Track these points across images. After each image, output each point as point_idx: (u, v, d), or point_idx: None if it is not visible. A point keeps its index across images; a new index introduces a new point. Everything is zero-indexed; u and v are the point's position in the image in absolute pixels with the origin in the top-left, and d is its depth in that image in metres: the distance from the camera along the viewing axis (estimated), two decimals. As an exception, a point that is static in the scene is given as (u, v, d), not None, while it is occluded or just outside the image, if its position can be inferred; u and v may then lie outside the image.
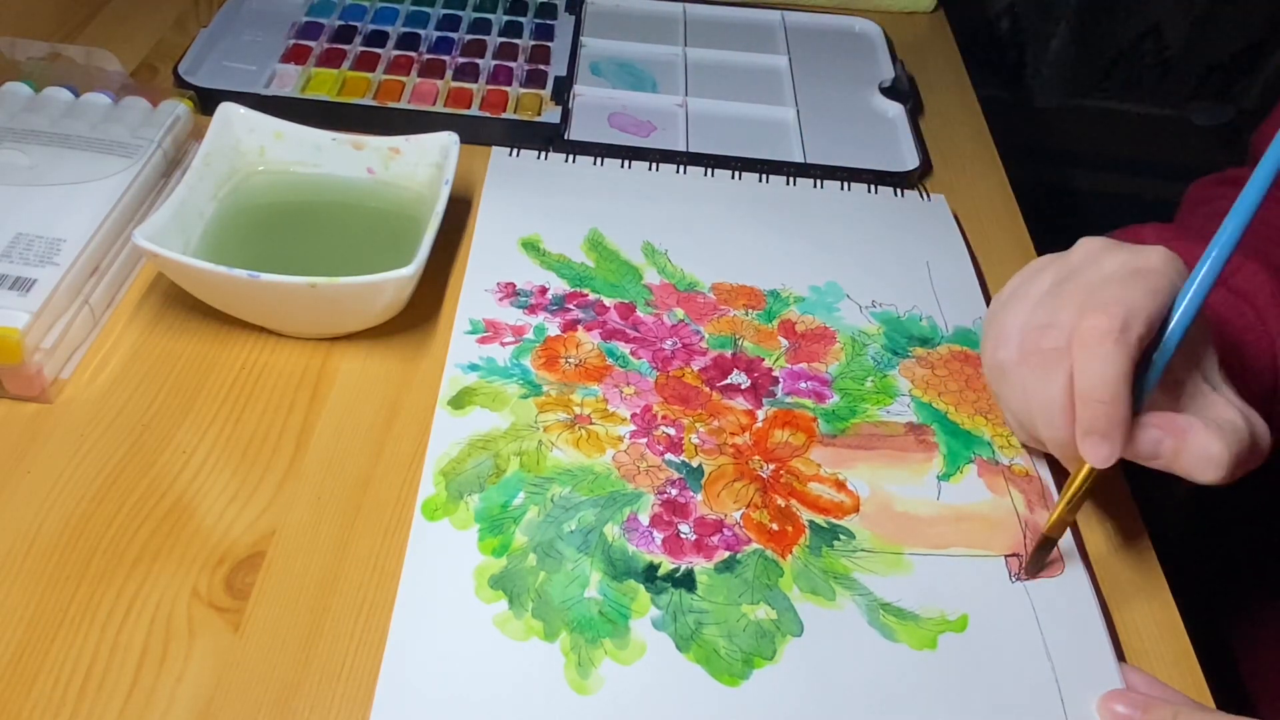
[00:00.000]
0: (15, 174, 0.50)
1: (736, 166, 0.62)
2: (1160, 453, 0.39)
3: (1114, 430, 0.38)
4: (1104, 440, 0.38)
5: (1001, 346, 0.42)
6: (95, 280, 0.48)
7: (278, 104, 0.61)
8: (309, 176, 0.55)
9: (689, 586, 0.40)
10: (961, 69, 0.77)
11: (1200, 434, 0.38)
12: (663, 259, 0.55)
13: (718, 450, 0.45)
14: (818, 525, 0.43)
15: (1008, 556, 0.42)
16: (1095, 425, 0.38)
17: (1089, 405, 0.38)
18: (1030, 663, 0.39)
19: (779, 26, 0.78)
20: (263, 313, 0.48)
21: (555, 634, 0.38)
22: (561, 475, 0.43)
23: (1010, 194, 0.65)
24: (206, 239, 0.50)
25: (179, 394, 0.46)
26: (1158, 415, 0.39)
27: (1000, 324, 0.43)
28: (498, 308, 0.51)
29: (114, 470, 0.43)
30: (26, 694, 0.35)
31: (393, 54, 0.68)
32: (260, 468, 0.44)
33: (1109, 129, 1.33)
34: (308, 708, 0.36)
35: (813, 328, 0.52)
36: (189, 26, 0.72)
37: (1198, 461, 0.38)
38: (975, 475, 0.45)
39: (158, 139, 0.54)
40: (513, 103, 0.65)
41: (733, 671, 0.37)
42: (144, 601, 0.38)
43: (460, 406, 0.46)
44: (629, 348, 0.50)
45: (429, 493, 0.42)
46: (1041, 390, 0.40)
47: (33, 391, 0.45)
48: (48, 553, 0.40)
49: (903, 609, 0.40)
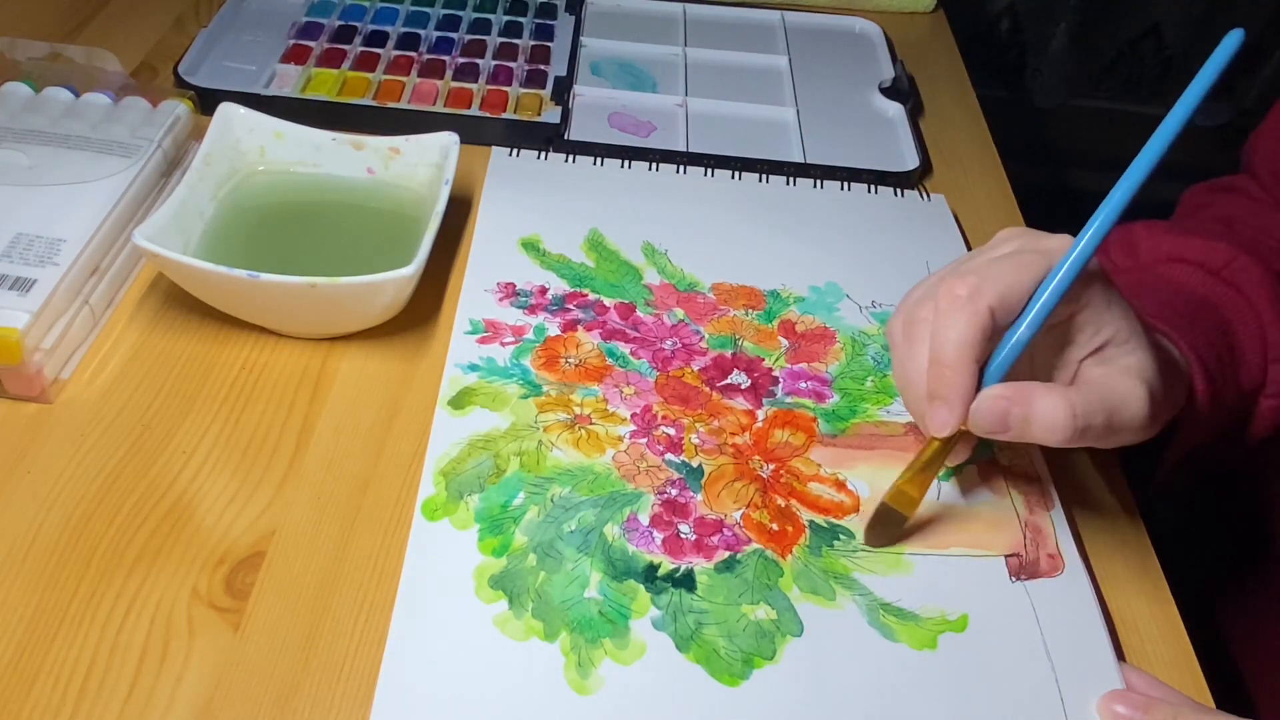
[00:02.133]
0: (15, 174, 0.51)
1: (736, 166, 0.62)
2: (1009, 424, 0.38)
3: (953, 395, 0.38)
4: (943, 405, 0.38)
5: (895, 318, 0.42)
6: (95, 280, 0.48)
7: (278, 104, 0.61)
8: (309, 176, 0.55)
9: (689, 586, 0.40)
10: (961, 69, 0.77)
11: (1041, 395, 0.37)
12: (663, 259, 0.55)
13: (718, 450, 0.45)
14: (818, 525, 0.43)
15: (1008, 556, 0.42)
16: (936, 389, 0.38)
17: (934, 369, 0.38)
18: (1030, 663, 0.39)
19: (779, 26, 0.78)
20: (263, 313, 0.48)
21: (555, 634, 0.38)
22: (561, 475, 0.43)
23: (1010, 194, 0.65)
24: (206, 239, 0.50)
25: (179, 394, 0.46)
26: (1006, 385, 0.38)
27: (903, 298, 0.43)
28: (498, 308, 0.51)
29: (114, 470, 0.43)
30: (26, 694, 0.35)
31: (393, 54, 0.68)
32: (260, 468, 0.44)
33: (1109, 129, 1.33)
34: (308, 708, 0.36)
35: (813, 328, 0.52)
36: (189, 27, 0.72)
37: (1045, 426, 0.37)
38: (975, 475, 0.45)
39: (158, 139, 0.54)
40: (513, 103, 0.65)
41: (733, 671, 0.37)
42: (144, 601, 0.38)
43: (460, 406, 0.46)
44: (629, 348, 0.50)
45: (429, 493, 0.42)
46: (910, 359, 0.40)
47: (33, 391, 0.45)
48: (48, 553, 0.40)
49: (903, 609, 0.40)
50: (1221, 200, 0.58)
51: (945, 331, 0.38)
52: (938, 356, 0.38)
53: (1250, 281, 0.48)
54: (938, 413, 0.39)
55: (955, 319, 0.37)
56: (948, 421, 0.38)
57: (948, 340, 0.38)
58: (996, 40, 1.28)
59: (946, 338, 0.38)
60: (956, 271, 0.39)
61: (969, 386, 0.38)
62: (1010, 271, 0.38)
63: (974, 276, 0.38)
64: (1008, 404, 0.38)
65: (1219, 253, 0.49)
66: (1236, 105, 1.32)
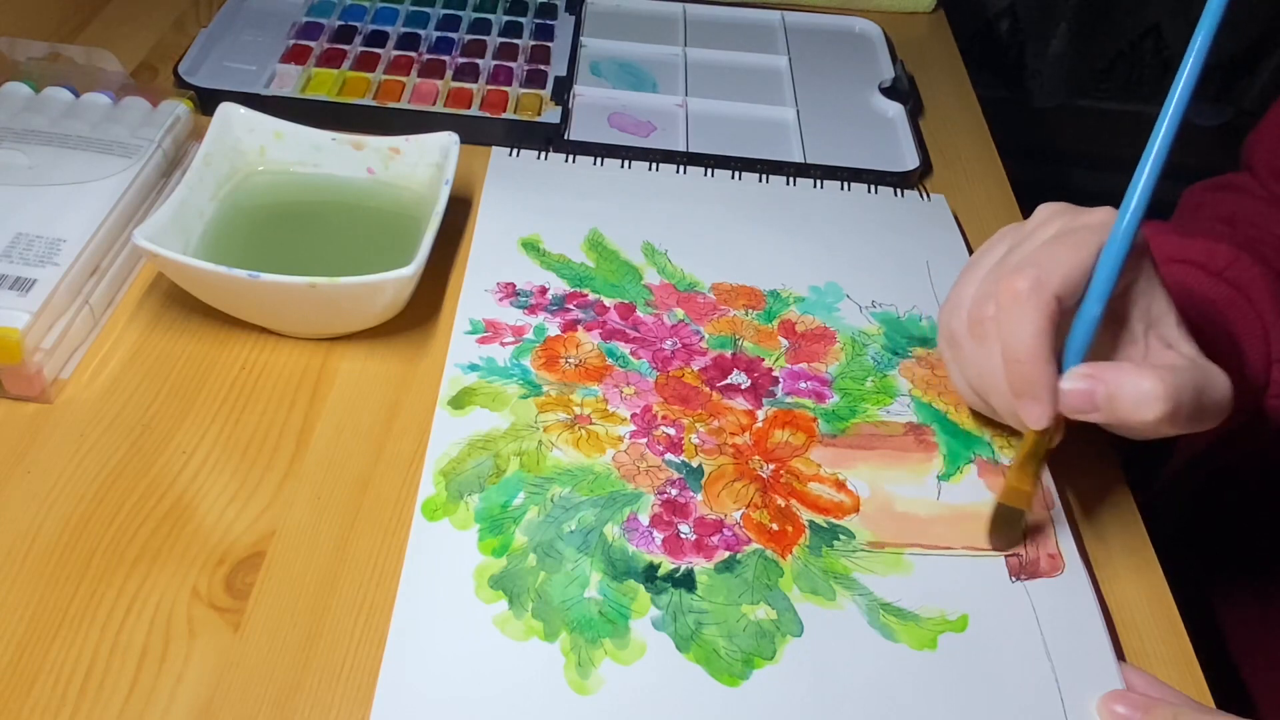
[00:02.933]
0: (15, 174, 0.50)
1: (736, 166, 0.62)
2: (1096, 403, 0.38)
3: (1038, 389, 0.38)
4: (1033, 401, 0.38)
5: (954, 317, 0.42)
6: (95, 280, 0.48)
7: (278, 104, 0.61)
8: (309, 176, 0.55)
9: (689, 586, 0.40)
10: (961, 69, 0.77)
11: (1131, 374, 0.37)
12: (663, 259, 0.55)
13: (718, 450, 0.45)
14: (818, 525, 0.43)
15: (1008, 556, 0.42)
16: (1020, 387, 0.38)
17: (1012, 367, 0.38)
18: (1030, 663, 0.39)
19: (779, 26, 0.78)
20: (263, 313, 0.48)
21: (555, 634, 0.38)
22: (561, 475, 0.43)
23: (1010, 194, 0.65)
24: (206, 239, 0.50)
25: (179, 394, 0.46)
26: (1086, 365, 0.38)
27: (954, 295, 0.43)
28: (498, 308, 0.51)
29: (114, 470, 0.43)
30: (26, 694, 0.35)
31: (393, 54, 0.68)
32: (260, 468, 0.44)
33: (1109, 129, 1.33)
34: (308, 708, 0.36)
35: (813, 328, 0.52)
36: (189, 27, 0.72)
37: (1133, 402, 0.37)
38: (975, 475, 0.45)
39: (158, 139, 0.54)
40: (513, 103, 0.65)
41: (733, 672, 0.37)
42: (144, 601, 0.38)
43: (460, 406, 0.46)
44: (629, 348, 0.50)
45: (429, 493, 0.42)
46: (985, 359, 0.40)
47: (33, 391, 0.45)
48: (48, 553, 0.40)
49: (903, 609, 0.40)
50: (1221, 198, 0.58)
51: (1016, 329, 0.38)
52: (1014, 355, 0.38)
53: (1253, 283, 0.48)
54: (1029, 409, 0.39)
55: (1023, 314, 0.37)
56: (1042, 415, 0.39)
57: (1021, 338, 0.38)
58: (996, 40, 1.28)
59: (1019, 336, 0.38)
60: (1010, 265, 0.39)
61: (1052, 375, 0.38)
62: (1067, 253, 0.38)
63: (1032, 269, 0.38)
64: (1090, 382, 0.38)
65: (1221, 254, 0.49)
66: (1236, 105, 1.32)
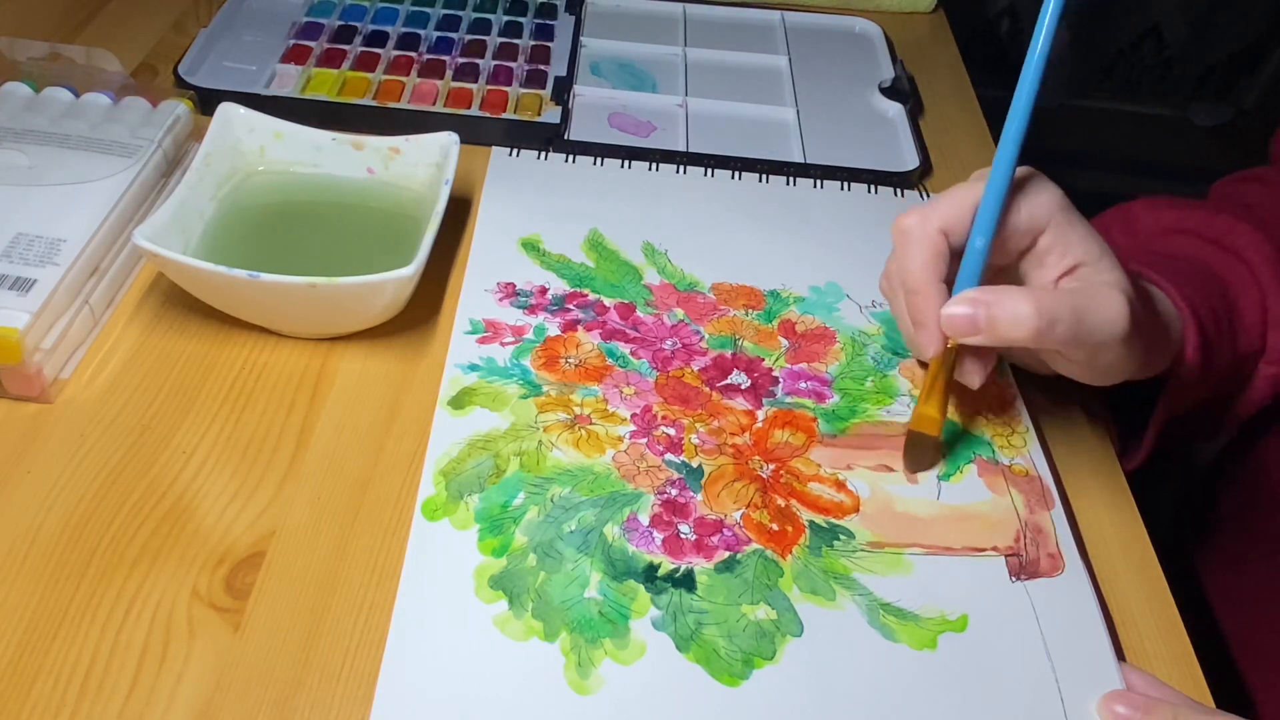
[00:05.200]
0: (15, 174, 0.51)
1: (736, 166, 0.62)
2: (978, 325, 0.39)
3: (928, 318, 0.41)
4: (923, 328, 0.41)
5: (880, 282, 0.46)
6: (95, 280, 0.48)
7: (278, 104, 0.61)
8: (309, 176, 0.55)
9: (689, 587, 0.40)
10: (961, 69, 0.77)
11: (1009, 295, 0.39)
12: (663, 259, 0.55)
13: (718, 450, 0.45)
14: (818, 525, 0.43)
15: (1008, 556, 0.42)
16: (916, 317, 0.41)
17: (908, 299, 0.41)
18: (1030, 663, 0.39)
19: (779, 26, 0.78)
20: (263, 313, 0.48)
21: (555, 634, 0.38)
22: (561, 475, 0.43)
23: (1010, 194, 0.65)
24: (206, 239, 0.50)
25: (179, 394, 0.46)
26: (970, 290, 0.40)
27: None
28: (498, 308, 0.51)
29: (114, 470, 0.43)
30: (26, 694, 0.35)
31: (393, 54, 0.68)
32: (260, 468, 0.44)
33: (1109, 129, 1.33)
34: (308, 708, 0.36)
35: (813, 328, 0.52)
36: (189, 27, 0.72)
37: (1009, 322, 0.39)
38: (975, 475, 0.45)
39: (158, 139, 0.54)
40: (513, 103, 0.65)
41: (733, 672, 0.37)
42: (144, 601, 0.38)
43: (460, 406, 0.46)
44: (629, 348, 0.50)
45: (429, 493, 0.42)
46: (894, 303, 0.45)
47: (33, 391, 0.45)
48: (48, 553, 0.40)
49: (903, 609, 0.40)
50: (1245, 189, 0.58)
51: (905, 262, 0.41)
52: (906, 286, 0.41)
53: (1250, 248, 0.49)
54: (919, 336, 0.42)
55: (910, 249, 0.41)
56: (929, 343, 0.41)
57: (909, 270, 0.41)
58: (996, 40, 1.28)
59: (907, 268, 0.41)
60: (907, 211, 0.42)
61: (939, 304, 0.40)
62: (957, 194, 0.41)
63: (919, 209, 0.41)
64: (972, 306, 0.39)
65: (1218, 222, 0.50)
66: (1236, 105, 1.32)
